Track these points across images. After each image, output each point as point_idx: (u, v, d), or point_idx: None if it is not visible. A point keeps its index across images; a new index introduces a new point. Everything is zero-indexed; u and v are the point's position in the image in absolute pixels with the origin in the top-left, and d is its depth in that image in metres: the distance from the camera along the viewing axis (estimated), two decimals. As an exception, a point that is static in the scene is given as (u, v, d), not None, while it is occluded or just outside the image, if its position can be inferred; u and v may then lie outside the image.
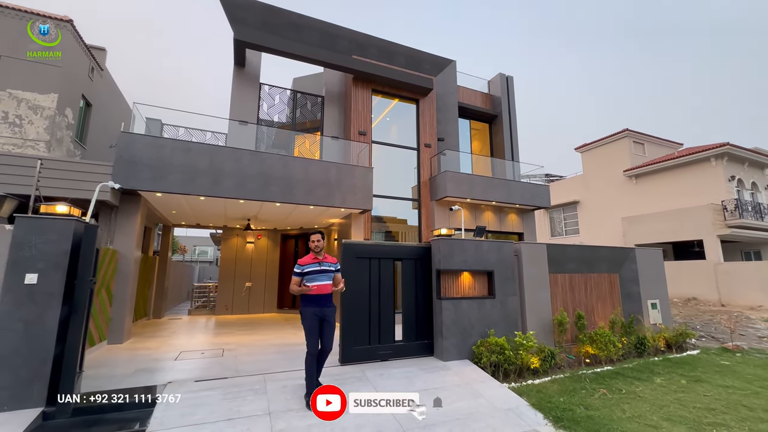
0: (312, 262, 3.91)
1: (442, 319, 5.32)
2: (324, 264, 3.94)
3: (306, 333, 3.80)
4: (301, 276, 3.86)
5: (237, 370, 4.72)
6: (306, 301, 3.88)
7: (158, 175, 6.50)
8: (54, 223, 3.62)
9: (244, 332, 7.80)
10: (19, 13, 7.82)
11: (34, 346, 3.40)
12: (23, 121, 7.55)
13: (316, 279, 3.86)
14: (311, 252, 4.01)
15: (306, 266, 3.88)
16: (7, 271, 3.42)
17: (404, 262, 5.66)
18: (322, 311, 3.87)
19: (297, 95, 9.98)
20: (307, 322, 3.81)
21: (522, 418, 3.90)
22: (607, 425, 3.68)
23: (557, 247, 6.76)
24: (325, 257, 4.01)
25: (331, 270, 3.98)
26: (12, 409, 3.25)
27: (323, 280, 3.89)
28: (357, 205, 8.14)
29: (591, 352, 6.01)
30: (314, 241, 3.98)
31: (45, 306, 3.48)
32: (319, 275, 3.88)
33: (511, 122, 12.37)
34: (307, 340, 3.79)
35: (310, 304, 3.85)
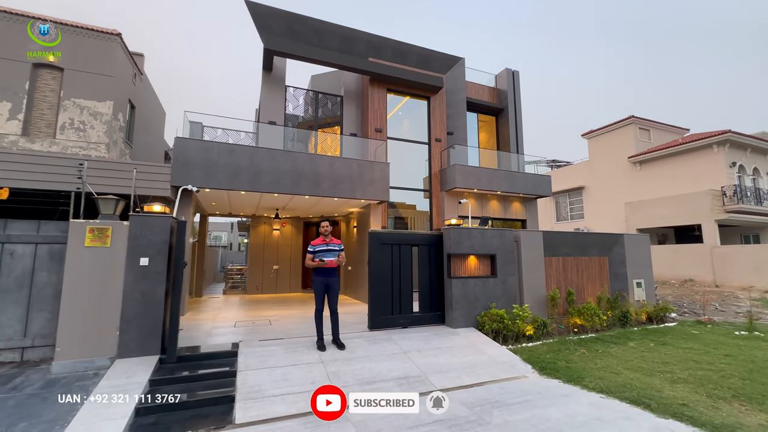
0: (321, 243, 5.17)
1: (452, 294, 6.42)
2: (330, 245, 5.16)
3: (315, 294, 5.15)
4: (313, 254, 5.13)
5: (288, 333, 5.91)
6: (316, 272, 5.18)
7: (208, 174, 7.60)
8: (157, 219, 4.76)
9: (280, 308, 9.03)
10: (76, 29, 8.83)
11: (149, 310, 4.59)
12: (86, 126, 8.68)
13: (324, 255, 5.10)
14: (320, 235, 5.25)
15: (317, 246, 5.15)
16: (128, 256, 4.58)
17: (420, 247, 6.74)
18: (328, 280, 5.13)
19: (318, 95, 10.91)
20: (316, 287, 5.15)
21: (514, 367, 5.04)
22: (579, 372, 4.78)
23: (553, 234, 7.75)
24: (331, 239, 5.21)
25: (335, 249, 5.18)
26: (139, 355, 4.47)
27: (329, 256, 5.12)
28: (376, 197, 9.19)
29: (579, 323, 7.09)
30: (324, 227, 5.25)
31: (154, 282, 4.65)
32: (326, 253, 5.12)
33: (516, 115, 13.15)
34: (316, 299, 5.15)
35: (318, 274, 5.16)
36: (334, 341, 5.35)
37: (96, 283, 4.45)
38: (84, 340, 4.33)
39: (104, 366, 4.33)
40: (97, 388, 3.80)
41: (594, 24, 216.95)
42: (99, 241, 4.49)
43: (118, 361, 4.38)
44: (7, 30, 8.30)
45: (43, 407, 3.51)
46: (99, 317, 4.42)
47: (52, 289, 4.49)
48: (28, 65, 8.39)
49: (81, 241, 4.44)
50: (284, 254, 12.70)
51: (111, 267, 4.54)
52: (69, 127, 8.53)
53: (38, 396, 3.71)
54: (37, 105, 8.45)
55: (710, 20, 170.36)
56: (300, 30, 10.02)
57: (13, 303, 4.43)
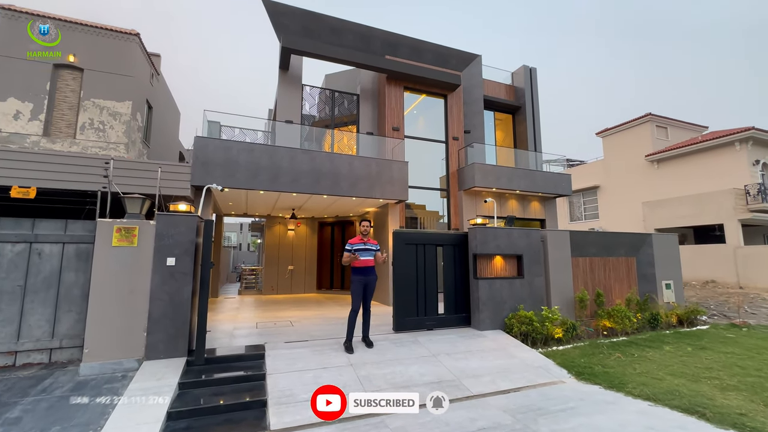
0: (359, 242, 5.16)
1: (479, 295, 6.25)
2: (368, 244, 5.18)
3: (353, 294, 5.13)
4: (351, 252, 5.08)
5: (311, 335, 5.79)
6: (355, 271, 5.16)
7: (228, 173, 7.53)
8: (182, 218, 4.67)
9: (298, 308, 8.94)
10: (95, 30, 8.85)
11: (177, 311, 4.51)
12: (105, 126, 8.69)
13: (362, 254, 5.09)
14: (359, 234, 5.26)
15: (355, 245, 5.13)
16: (155, 256, 4.51)
17: (445, 247, 6.58)
18: (367, 279, 5.14)
19: (335, 94, 10.81)
20: (354, 286, 5.11)
21: (550, 372, 4.85)
22: (620, 378, 4.58)
23: (580, 233, 7.53)
24: (369, 240, 5.22)
25: (373, 249, 5.21)
26: (167, 357, 4.39)
27: (367, 255, 5.14)
28: (395, 196, 9.04)
29: (608, 325, 6.86)
30: (364, 227, 5.26)
31: (182, 282, 4.57)
32: (364, 252, 5.12)
33: (534, 113, 12.91)
34: (353, 299, 5.12)
35: (358, 273, 5.14)
36: (363, 339, 5.30)
37: (123, 284, 4.37)
38: (112, 341, 4.26)
39: (132, 368, 4.25)
40: (128, 391, 3.71)
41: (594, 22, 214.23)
42: (126, 241, 4.42)
43: (146, 363, 4.30)
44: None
45: (75, 410, 3.43)
46: (126, 318, 4.35)
47: (79, 289, 4.43)
48: (49, 66, 8.42)
49: (108, 240, 4.37)
50: (299, 254, 12.62)
51: (138, 267, 4.46)
52: (89, 128, 8.55)
53: (68, 399, 3.63)
54: (57, 105, 8.47)
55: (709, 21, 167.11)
56: (316, 28, 9.93)
57: (41, 303, 4.38)
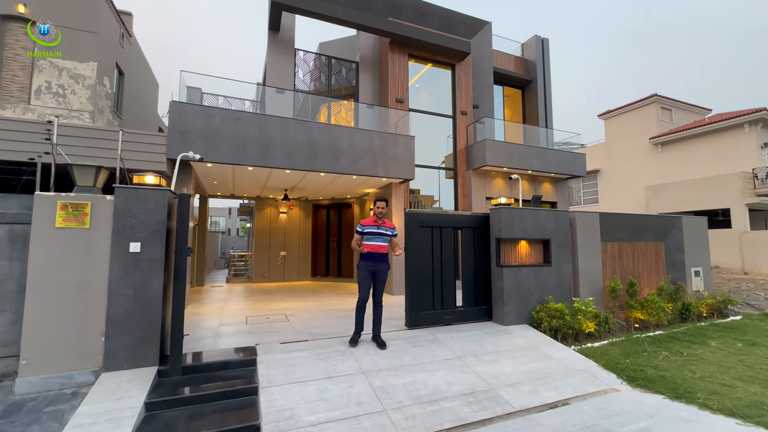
0: (372, 224, 4.44)
1: (503, 286, 5.45)
2: (382, 228, 4.44)
3: (359, 282, 4.44)
4: (361, 234, 4.43)
5: (311, 333, 4.94)
6: (363, 257, 4.44)
7: (210, 145, 6.49)
8: (150, 193, 3.70)
9: (292, 299, 8.06)
10: (50, -25, 7.52)
11: (144, 309, 3.58)
12: (66, 90, 7.47)
13: (373, 239, 4.39)
14: (373, 215, 4.51)
15: (366, 227, 4.42)
16: (113, 240, 3.54)
17: (463, 231, 5.73)
18: (376, 266, 4.41)
19: (332, 61, 9.69)
20: (362, 273, 4.42)
21: (596, 377, 4.10)
22: (682, 384, 3.85)
23: (608, 215, 6.76)
24: (384, 222, 4.49)
25: (387, 234, 4.47)
26: (132, 367, 3.49)
27: (379, 241, 4.42)
28: (400, 175, 8.12)
29: (640, 317, 6.17)
30: (380, 207, 4.45)
31: (149, 273, 3.63)
32: (376, 237, 4.42)
33: (546, 88, 11.99)
34: (359, 288, 4.43)
35: (365, 259, 4.43)
36: (374, 338, 4.53)
37: (71, 275, 3.42)
38: (58, 348, 3.32)
39: (86, 382, 3.34)
40: (74, 417, 2.81)
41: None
42: (75, 221, 3.44)
43: (105, 376, 3.39)
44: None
45: (-2, 448, 2.53)
46: (77, 319, 3.41)
47: (15, 282, 3.45)
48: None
49: (50, 220, 3.38)
50: (292, 239, 11.67)
51: (91, 254, 3.50)
52: (46, 92, 7.33)
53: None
54: (6, 65, 7.22)
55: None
56: (311, -17, 8.72)
57: (-37, 301, 3.40)
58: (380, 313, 4.55)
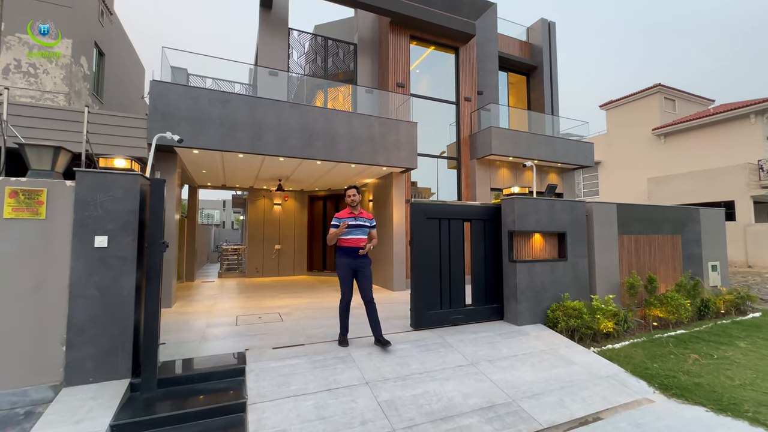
0: (349, 216, 4.10)
1: (516, 283, 5.01)
2: (360, 219, 4.13)
3: (340, 282, 4.10)
4: (338, 227, 4.05)
5: (309, 336, 4.48)
6: (341, 252, 4.09)
7: (196, 130, 5.95)
8: (118, 178, 3.17)
9: (287, 295, 7.60)
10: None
11: (113, 313, 3.09)
12: (38, 70, 6.84)
13: (351, 232, 4.06)
14: (347, 207, 4.17)
15: (343, 219, 4.07)
16: (75, 234, 3.03)
17: (473, 222, 5.27)
18: (356, 263, 4.06)
19: (328, 42, 9.09)
20: (341, 272, 4.06)
21: (626, 385, 3.69)
22: (723, 394, 3.45)
23: (625, 206, 6.33)
24: (361, 212, 4.20)
25: (366, 225, 4.17)
26: (98, 380, 3.00)
27: (359, 233, 4.09)
28: (401, 163, 7.63)
29: (659, 315, 5.79)
30: (350, 196, 4.15)
31: (119, 271, 3.12)
32: (356, 229, 4.08)
33: (552, 74, 11.48)
34: (341, 288, 4.09)
35: (344, 255, 4.06)
36: (377, 341, 4.10)
37: (25, 275, 2.91)
38: (9, 360, 2.83)
39: (44, 399, 2.85)
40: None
41: None
42: (27, 210, 2.91)
43: (66, 391, 2.91)
44: None
45: None
46: (33, 326, 2.91)
47: (-42, 283, 2.94)
48: (-44, -13, 6.45)
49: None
50: (287, 232, 11.17)
51: (49, 250, 2.99)
52: (15, 71, 6.70)
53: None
54: (-30, 41, 6.57)
55: None
56: (306, -44, 8.10)
57: None
58: (375, 312, 4.14)
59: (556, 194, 10.68)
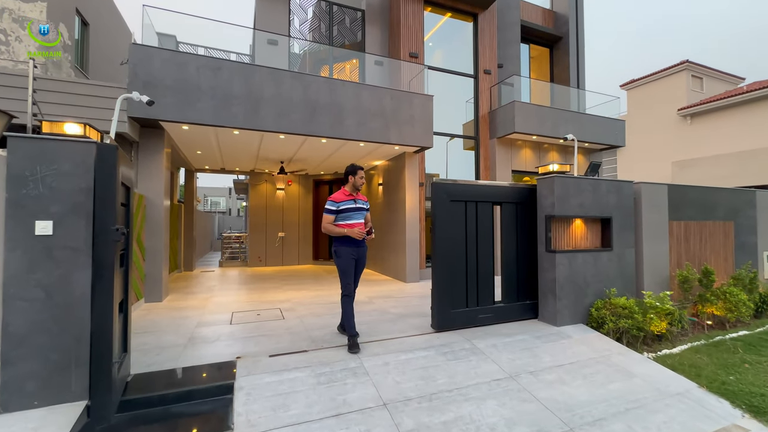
0: (347, 199, 3.64)
1: (555, 276, 4.27)
2: (359, 201, 3.71)
3: (341, 274, 3.63)
4: (335, 214, 3.59)
5: (313, 339, 3.82)
6: (342, 240, 3.61)
7: (184, 101, 5.21)
8: (65, 147, 2.47)
9: (291, 287, 6.97)
10: None
11: (63, 319, 2.43)
12: (9, 37, 6.12)
13: (351, 217, 3.63)
14: (344, 188, 3.71)
15: (341, 203, 3.60)
16: (8, 218, 2.35)
17: (503, 206, 4.51)
18: (359, 251, 3.66)
19: (333, 8, 8.19)
20: (343, 262, 3.60)
21: (704, 406, 2.96)
22: (838, 421, 2.71)
23: (676, 188, 5.51)
24: (359, 194, 3.79)
25: (364, 208, 3.77)
26: (45, 404, 2.37)
27: (359, 218, 3.68)
28: (415, 142, 6.84)
29: (715, 312, 5.03)
30: (362, 177, 3.73)
31: (69, 265, 2.45)
32: (355, 213, 3.65)
33: (578, 45, 10.44)
34: (343, 281, 3.61)
35: (347, 243, 3.60)
36: (341, 328, 3.96)
37: (-56, 271, 2.24)
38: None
39: (-28, 430, 2.22)
40: None
41: None
42: (-58, 188, 2.24)
43: (2, 420, 2.27)
44: None
45: None
46: (-43, 336, 2.26)
47: None
48: None
49: None
50: (291, 219, 10.51)
51: (-24, 238, 2.32)
52: (-17, 38, 5.99)
53: None
54: (-68, 4, 5.85)
55: None
56: None
57: None
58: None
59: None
